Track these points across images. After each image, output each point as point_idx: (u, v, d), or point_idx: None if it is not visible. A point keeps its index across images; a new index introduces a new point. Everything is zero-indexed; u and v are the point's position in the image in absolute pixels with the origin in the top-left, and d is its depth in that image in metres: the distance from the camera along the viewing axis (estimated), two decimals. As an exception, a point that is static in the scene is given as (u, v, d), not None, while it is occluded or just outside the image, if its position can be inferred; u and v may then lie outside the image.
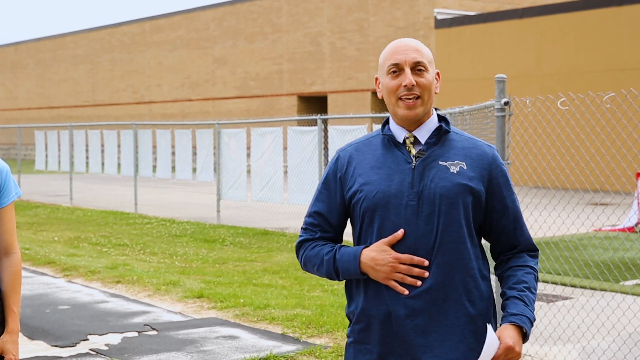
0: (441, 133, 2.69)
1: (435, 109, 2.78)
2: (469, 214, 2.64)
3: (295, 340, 6.79)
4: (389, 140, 2.71)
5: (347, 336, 2.77)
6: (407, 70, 2.64)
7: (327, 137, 13.77)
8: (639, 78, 20.59)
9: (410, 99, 2.64)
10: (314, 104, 33.38)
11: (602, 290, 8.27)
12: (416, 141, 2.69)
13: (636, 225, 12.11)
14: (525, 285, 2.69)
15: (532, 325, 2.65)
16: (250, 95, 35.35)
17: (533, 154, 15.14)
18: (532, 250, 2.78)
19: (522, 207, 2.96)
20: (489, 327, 2.59)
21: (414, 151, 2.67)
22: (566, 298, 8.16)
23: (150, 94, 40.54)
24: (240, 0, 35.94)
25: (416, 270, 2.57)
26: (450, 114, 9.23)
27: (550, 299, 8.17)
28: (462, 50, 25.06)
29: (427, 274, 2.57)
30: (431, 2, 27.87)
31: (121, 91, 42.37)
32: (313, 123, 14.20)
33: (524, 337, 2.62)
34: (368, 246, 2.65)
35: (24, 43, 50.36)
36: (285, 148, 14.61)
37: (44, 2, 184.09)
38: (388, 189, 2.64)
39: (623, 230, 11.73)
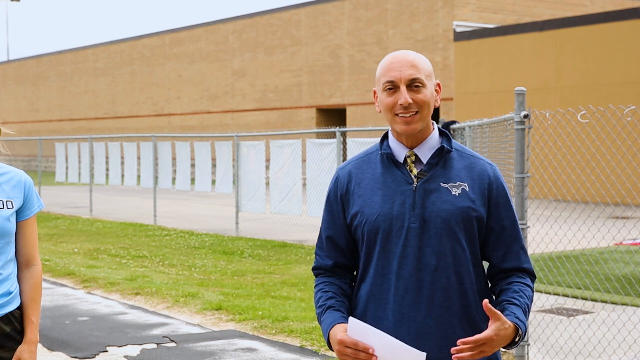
0: (443, 153, 2.63)
1: (436, 123, 2.74)
2: (471, 237, 2.60)
3: (314, 353, 6.78)
4: (389, 159, 2.66)
5: None
6: (403, 88, 2.58)
7: (346, 149, 13.77)
8: (660, 91, 20.46)
9: (407, 115, 2.59)
10: (333, 117, 33.41)
11: (623, 304, 8.19)
12: (417, 159, 2.64)
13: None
14: (527, 301, 2.60)
15: (522, 339, 2.56)
16: (269, 108, 35.44)
17: (553, 167, 15.06)
18: (532, 274, 2.69)
19: (542, 221, 2.93)
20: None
21: (415, 171, 2.62)
22: (587, 312, 8.09)
23: (169, 106, 40.74)
24: (260, 13, 36.09)
25: (362, 355, 2.44)
26: (470, 126, 9.21)
27: (571, 313, 8.10)
28: (481, 63, 25.02)
29: (374, 359, 2.45)
30: (450, 14, 27.86)
31: (141, 103, 42.61)
32: (332, 135, 14.21)
33: (511, 344, 2.52)
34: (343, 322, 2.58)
35: (45, 56, 50.79)
36: (304, 160, 14.62)
37: (66, 16, 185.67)
38: (390, 212, 2.60)
39: (644, 244, 11.62)
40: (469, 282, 2.59)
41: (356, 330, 2.46)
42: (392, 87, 2.60)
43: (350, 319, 2.49)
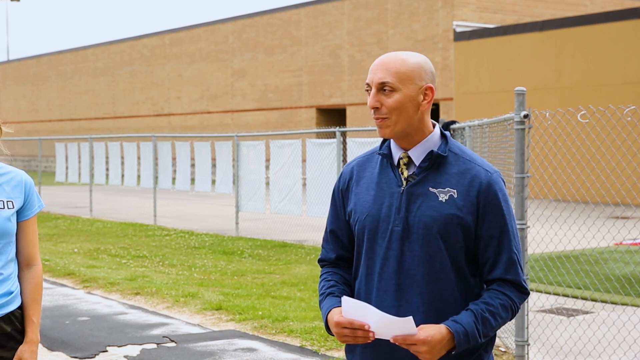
0: (433, 157, 2.58)
1: (438, 124, 2.70)
2: (455, 245, 2.54)
3: (314, 353, 6.78)
4: (386, 160, 2.65)
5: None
6: (373, 91, 2.57)
7: (345, 149, 13.77)
8: (660, 91, 20.46)
9: (378, 118, 2.58)
10: (333, 117, 33.42)
11: (623, 304, 8.20)
12: (410, 162, 2.61)
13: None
14: (490, 308, 2.52)
15: (467, 343, 2.47)
16: (269, 108, 35.45)
17: (553, 167, 15.07)
18: (518, 287, 2.59)
19: (542, 221, 2.90)
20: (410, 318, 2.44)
21: (406, 173, 2.60)
22: (586, 312, 8.09)
23: (169, 106, 40.75)
24: (260, 13, 36.10)
25: (360, 333, 2.46)
26: (470, 126, 9.22)
27: (571, 313, 8.11)
28: (481, 63, 25.03)
29: (371, 334, 2.45)
30: (450, 14, 27.86)
31: (141, 103, 42.62)
32: (332, 135, 14.23)
33: (452, 349, 2.47)
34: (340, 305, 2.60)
35: (45, 56, 50.80)
36: (304, 160, 14.63)
37: (66, 16, 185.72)
38: (377, 213, 2.61)
39: (644, 244, 11.62)
40: (449, 290, 2.55)
41: (351, 309, 2.49)
42: (368, 89, 2.61)
43: (344, 298, 2.51)
